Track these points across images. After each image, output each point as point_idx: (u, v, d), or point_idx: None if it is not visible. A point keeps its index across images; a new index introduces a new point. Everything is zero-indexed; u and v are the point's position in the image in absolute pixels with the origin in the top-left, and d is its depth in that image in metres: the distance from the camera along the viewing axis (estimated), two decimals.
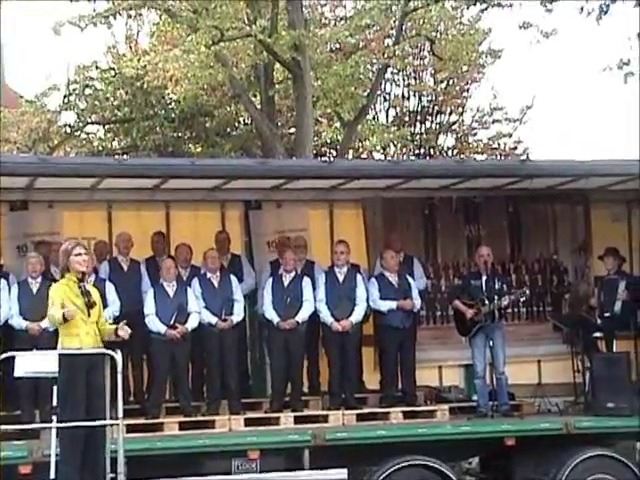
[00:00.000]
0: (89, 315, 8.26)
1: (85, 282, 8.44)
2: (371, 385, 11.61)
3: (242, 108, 20.59)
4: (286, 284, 10.98)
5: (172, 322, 10.44)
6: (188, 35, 18.49)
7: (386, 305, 11.05)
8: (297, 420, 10.32)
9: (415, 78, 25.08)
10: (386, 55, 19.65)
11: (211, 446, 9.67)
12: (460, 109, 25.52)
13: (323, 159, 17.29)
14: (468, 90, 25.52)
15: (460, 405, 11.15)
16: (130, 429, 9.21)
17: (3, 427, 8.06)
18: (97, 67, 20.93)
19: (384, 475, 9.56)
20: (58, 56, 41.45)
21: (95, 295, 8.45)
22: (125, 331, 8.41)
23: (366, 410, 10.73)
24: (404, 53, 21.06)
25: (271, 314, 10.82)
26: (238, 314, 10.83)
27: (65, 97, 20.39)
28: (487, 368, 11.19)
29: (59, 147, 20.59)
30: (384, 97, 25.07)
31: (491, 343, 10.94)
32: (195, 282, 10.89)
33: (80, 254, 8.33)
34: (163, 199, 12.06)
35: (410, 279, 11.31)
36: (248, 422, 10.27)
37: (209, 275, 10.96)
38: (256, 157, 19.33)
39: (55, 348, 8.28)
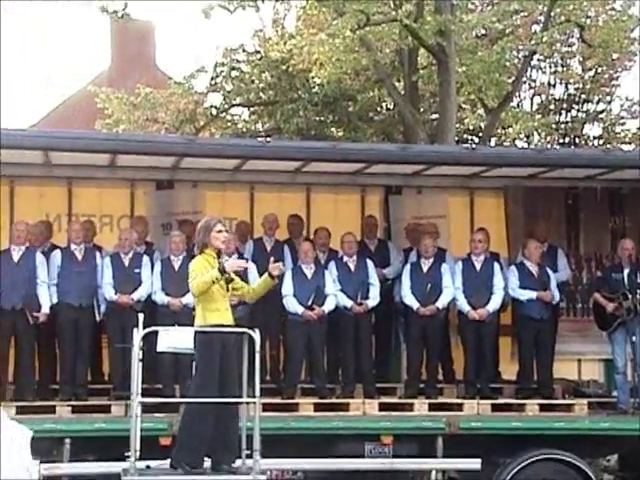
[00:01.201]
0: (227, 290, 8.36)
1: (222, 259, 8.51)
2: (507, 375, 11.44)
3: (385, 93, 20.52)
4: (425, 270, 10.91)
5: (309, 303, 10.50)
6: (334, 19, 18.52)
7: (525, 294, 10.86)
8: (431, 407, 10.26)
9: (562, 65, 24.52)
10: (533, 41, 19.27)
11: (345, 429, 9.73)
12: (608, 97, 24.84)
13: (465, 146, 17.01)
14: (617, 78, 24.81)
15: (599, 400, 10.89)
16: (266, 408, 9.32)
17: (145, 400, 8.25)
18: (244, 50, 21.18)
19: (519, 467, 9.44)
20: (207, 39, 42.24)
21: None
22: (278, 268, 8.42)
23: (501, 400, 10.58)
24: (552, 40, 20.59)
25: (410, 300, 10.76)
26: (374, 298, 10.82)
27: (212, 79, 20.72)
28: (628, 364, 10.88)
29: (205, 128, 20.93)
30: (529, 84, 24.61)
31: (633, 339, 10.62)
32: (332, 265, 10.93)
33: (221, 231, 8.41)
34: (304, 182, 12.15)
35: (549, 271, 11.09)
36: (382, 407, 10.26)
37: (346, 259, 10.98)
38: (398, 142, 19.25)
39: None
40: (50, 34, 48.31)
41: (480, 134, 21.76)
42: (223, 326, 8.21)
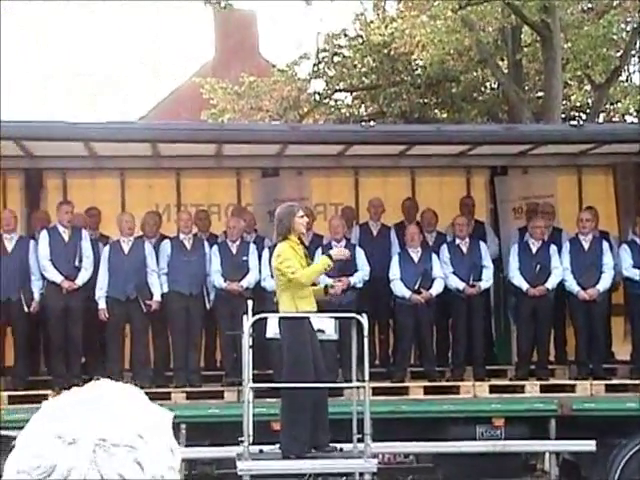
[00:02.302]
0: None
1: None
2: (621, 356, 11.25)
3: (489, 73, 20.29)
4: (534, 251, 10.79)
5: (416, 287, 10.50)
6: (435, 0, 18.38)
7: (638, 273, 10.64)
8: (543, 389, 10.16)
9: None
10: None
11: (455, 412, 9.72)
12: None
13: (572, 123, 16.71)
14: None
15: None
16: (376, 392, 9.37)
17: (256, 385, 8.37)
18: (345, 35, 21.19)
19: (636, 448, 9.27)
20: (308, 25, 42.43)
21: None
22: (336, 289, 8.43)
23: (615, 381, 10.41)
24: None
25: (519, 281, 10.66)
26: (487, 280, 10.76)
27: (315, 65, 20.79)
28: None
29: (308, 115, 21.02)
30: (639, 58, 24.01)
31: None
32: (444, 248, 10.89)
33: (303, 216, 8.43)
34: (408, 165, 12.11)
35: None
36: (493, 389, 10.21)
37: (457, 241, 10.93)
38: (502, 122, 19.02)
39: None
40: (158, 26, 49.03)
41: (587, 111, 21.34)
42: (311, 312, 8.25)
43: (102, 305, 10.30)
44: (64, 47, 48.04)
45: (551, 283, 10.58)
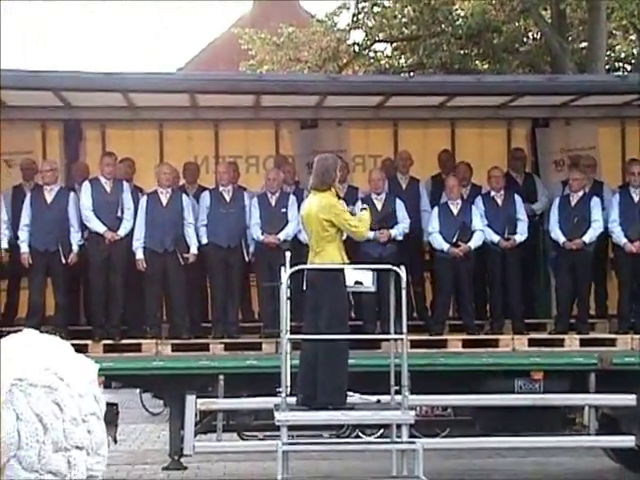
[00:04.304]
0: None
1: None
2: None
3: (531, 23, 20.01)
4: (573, 204, 10.69)
5: (454, 240, 10.46)
6: None
7: None
8: (583, 343, 10.12)
9: None
10: None
11: (494, 365, 9.71)
12: None
13: (616, 74, 16.49)
14: None
15: None
16: (414, 345, 9.39)
17: (294, 337, 8.39)
18: None
19: None
20: None
21: None
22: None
23: None
24: None
25: (557, 234, 10.58)
26: (521, 233, 10.68)
27: (354, 16, 20.61)
28: None
29: (347, 66, 20.87)
30: None
31: None
32: (479, 200, 10.83)
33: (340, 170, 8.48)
34: (448, 117, 12.01)
35: None
36: (532, 342, 10.18)
37: (493, 193, 10.85)
38: (545, 73, 18.78)
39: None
40: None
41: (632, 61, 21.00)
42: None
43: (140, 255, 10.34)
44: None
45: (589, 236, 10.48)
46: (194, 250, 10.45)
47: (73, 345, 4.40)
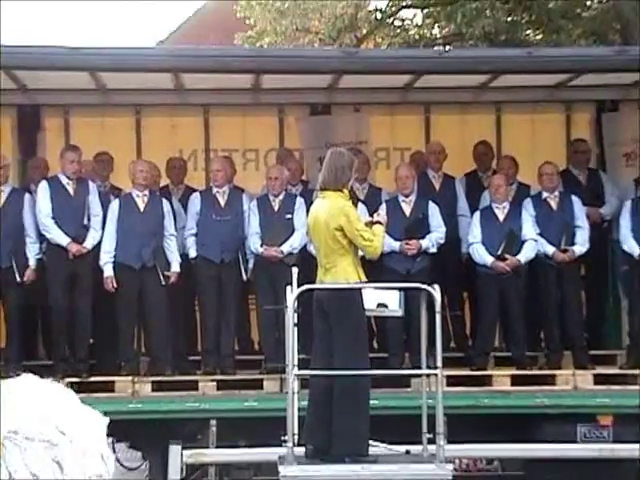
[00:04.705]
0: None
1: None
2: None
3: None
4: None
5: (500, 252, 10.48)
6: None
7: None
8: None
9: None
10: None
11: (551, 407, 9.70)
12: None
13: None
14: None
15: None
16: (451, 381, 9.42)
17: (303, 372, 8.40)
18: None
19: None
20: None
21: None
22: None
23: None
24: None
25: (630, 245, 10.59)
26: (582, 244, 10.67)
27: None
28: None
29: (368, 37, 20.94)
30: None
31: None
32: (528, 203, 10.84)
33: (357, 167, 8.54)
34: (492, 100, 12.08)
35: None
36: (598, 379, 10.19)
37: (545, 195, 10.85)
38: (613, 44, 18.80)
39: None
40: None
41: None
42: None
43: (108, 272, 10.35)
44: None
45: None
46: (175, 268, 10.48)
47: None
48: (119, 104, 11.83)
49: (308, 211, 10.56)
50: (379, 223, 8.41)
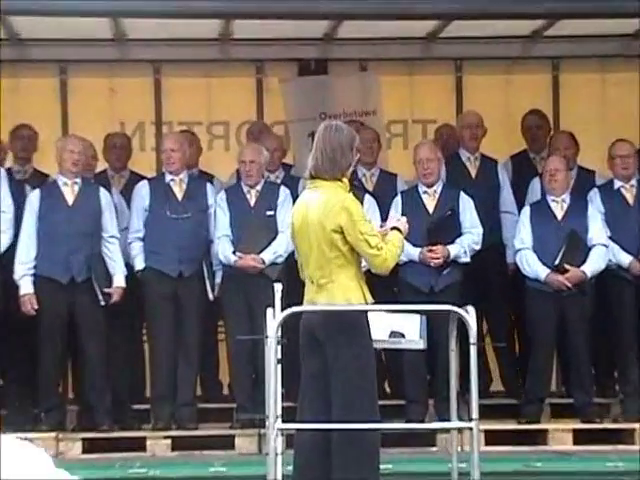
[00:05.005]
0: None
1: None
2: None
3: None
4: None
5: (558, 262, 10.44)
6: None
7: None
8: None
9: None
10: None
11: (629, 473, 9.62)
12: None
13: None
14: None
15: None
16: (491, 438, 9.55)
17: (288, 426, 8.34)
18: None
19: None
20: None
21: None
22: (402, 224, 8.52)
23: None
24: None
25: None
26: None
27: None
28: None
29: None
30: None
31: None
32: (594, 196, 10.85)
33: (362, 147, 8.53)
34: (546, 55, 12.21)
35: None
36: None
37: (618, 185, 10.88)
38: None
39: None
40: None
41: None
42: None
43: (27, 289, 10.32)
44: None
45: None
46: (118, 282, 10.44)
47: None
48: (39, 60, 11.81)
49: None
50: (397, 229, 8.25)
